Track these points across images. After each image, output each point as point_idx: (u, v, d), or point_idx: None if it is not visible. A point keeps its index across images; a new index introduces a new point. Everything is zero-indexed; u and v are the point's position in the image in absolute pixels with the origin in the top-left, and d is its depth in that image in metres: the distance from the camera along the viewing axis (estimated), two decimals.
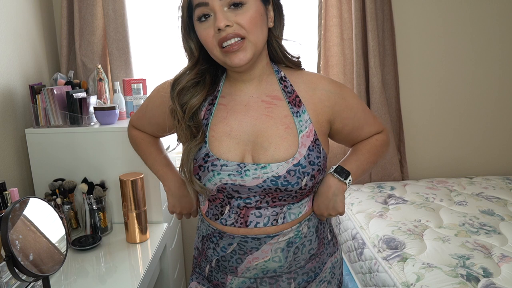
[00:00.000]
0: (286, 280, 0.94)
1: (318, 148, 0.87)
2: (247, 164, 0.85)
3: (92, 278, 1.31)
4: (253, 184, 0.85)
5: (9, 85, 1.62)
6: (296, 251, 0.92)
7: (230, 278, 0.95)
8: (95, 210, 1.56)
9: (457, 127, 2.31)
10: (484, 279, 1.27)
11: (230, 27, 0.80)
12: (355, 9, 2.01)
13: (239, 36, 0.81)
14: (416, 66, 2.23)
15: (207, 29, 0.82)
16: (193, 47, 0.89)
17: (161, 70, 2.09)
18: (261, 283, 0.94)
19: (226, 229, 0.90)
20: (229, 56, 0.82)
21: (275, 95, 0.90)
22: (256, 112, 0.89)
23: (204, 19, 0.82)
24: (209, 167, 0.86)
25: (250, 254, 0.90)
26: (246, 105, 0.90)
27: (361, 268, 1.60)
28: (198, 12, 0.82)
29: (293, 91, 0.91)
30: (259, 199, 0.87)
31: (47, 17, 1.98)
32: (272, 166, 0.84)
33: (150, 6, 2.07)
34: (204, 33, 0.83)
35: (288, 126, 0.87)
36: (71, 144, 1.63)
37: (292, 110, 0.89)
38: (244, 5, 0.81)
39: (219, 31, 0.80)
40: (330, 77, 2.11)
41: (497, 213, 1.73)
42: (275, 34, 0.90)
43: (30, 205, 1.00)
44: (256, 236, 0.89)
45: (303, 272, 0.96)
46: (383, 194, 1.98)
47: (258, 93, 0.91)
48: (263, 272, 0.93)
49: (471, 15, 2.19)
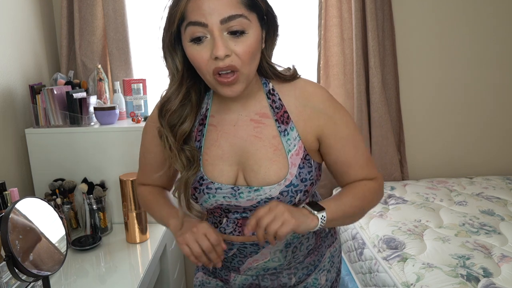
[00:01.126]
0: (286, 275, 0.97)
1: (308, 162, 0.86)
2: (241, 187, 0.85)
3: (92, 278, 1.31)
4: (248, 205, 0.86)
5: (9, 85, 1.62)
6: (295, 250, 0.94)
7: (233, 275, 0.98)
8: (95, 210, 1.56)
9: (457, 127, 2.31)
10: (484, 279, 1.27)
11: (228, 57, 0.73)
12: (355, 9, 2.01)
13: (234, 69, 0.74)
14: (416, 66, 2.22)
15: (201, 51, 0.74)
16: (177, 63, 0.81)
17: (161, 70, 2.08)
18: (262, 279, 0.97)
19: (225, 237, 0.91)
20: (223, 87, 0.76)
21: (263, 113, 0.86)
22: (245, 132, 0.86)
23: (197, 42, 0.74)
24: (204, 190, 0.86)
25: (250, 257, 0.92)
26: (235, 125, 0.86)
27: (361, 268, 1.60)
28: (193, 31, 0.73)
29: (282, 106, 0.86)
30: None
31: (47, 17, 1.98)
32: (265, 189, 0.84)
33: (150, 6, 2.07)
34: (197, 56, 0.75)
35: (277, 147, 0.84)
36: (71, 144, 1.63)
37: (280, 129, 0.85)
38: (245, 34, 0.74)
39: (217, 59, 0.73)
40: (329, 75, 2.11)
41: (497, 213, 1.73)
42: (266, 54, 0.84)
43: (30, 205, 1.00)
44: (255, 242, 0.90)
45: (303, 267, 0.98)
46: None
47: (246, 111, 0.86)
48: (264, 270, 0.95)
49: (471, 15, 2.19)
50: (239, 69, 0.75)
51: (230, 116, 0.87)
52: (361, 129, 2.13)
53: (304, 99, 0.86)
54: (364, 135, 2.14)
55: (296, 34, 2.13)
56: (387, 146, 2.17)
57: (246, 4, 0.74)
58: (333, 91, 2.13)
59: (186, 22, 0.74)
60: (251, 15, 0.75)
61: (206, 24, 0.72)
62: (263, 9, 0.78)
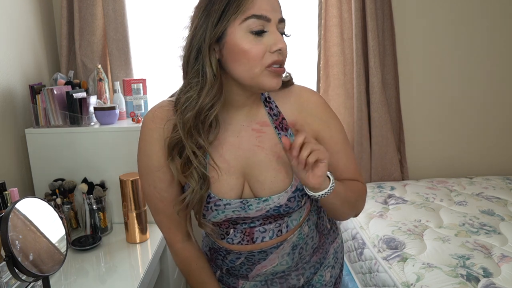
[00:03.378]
0: (295, 277, 0.97)
1: None
2: (249, 200, 0.85)
3: (92, 278, 1.31)
4: (257, 215, 0.86)
5: (9, 85, 1.62)
6: (301, 251, 0.95)
7: (241, 282, 0.98)
8: (95, 210, 1.56)
9: (457, 127, 2.31)
10: (484, 279, 1.27)
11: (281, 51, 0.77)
12: (355, 9, 2.01)
13: (283, 64, 0.79)
14: (416, 66, 2.23)
15: (259, 44, 0.75)
16: (213, 63, 0.77)
17: (161, 70, 2.09)
18: (272, 284, 0.97)
19: (233, 247, 0.92)
20: (271, 77, 0.77)
21: (264, 121, 0.87)
22: (248, 143, 0.86)
23: (261, 34, 0.75)
24: (212, 207, 0.85)
25: (258, 263, 0.93)
26: (238, 136, 0.86)
27: (361, 268, 1.60)
28: (256, 24, 0.74)
29: (279, 113, 0.87)
30: (262, 221, 0.89)
31: (47, 17, 1.98)
32: (273, 198, 0.84)
33: (150, 6, 2.07)
34: (256, 48, 0.75)
35: (279, 155, 0.85)
36: (71, 144, 1.63)
37: (280, 135, 0.86)
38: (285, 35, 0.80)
39: (276, 51, 0.76)
40: (329, 75, 2.11)
41: (497, 213, 1.73)
42: None
43: (30, 205, 1.00)
44: (262, 249, 0.90)
45: (310, 266, 0.99)
46: (383, 194, 1.98)
47: (248, 121, 0.86)
48: (273, 274, 0.95)
49: (470, 15, 2.19)
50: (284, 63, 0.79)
51: (233, 126, 0.86)
52: (361, 129, 2.13)
53: (299, 104, 0.88)
54: (364, 135, 2.14)
55: (296, 34, 2.13)
56: (387, 146, 2.17)
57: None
58: (333, 91, 2.13)
59: (246, 15, 0.74)
60: None
61: (270, 19, 0.75)
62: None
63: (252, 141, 0.86)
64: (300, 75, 2.16)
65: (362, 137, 2.14)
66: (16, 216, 0.94)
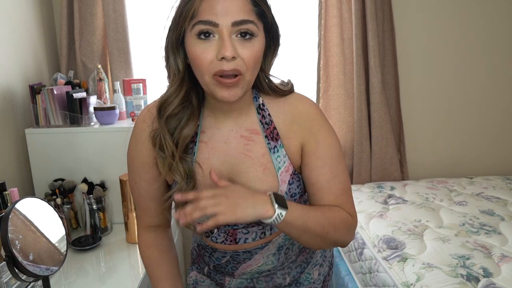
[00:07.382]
0: (281, 276, 0.98)
1: (297, 177, 0.86)
2: None
3: (92, 278, 1.31)
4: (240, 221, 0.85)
5: (9, 85, 1.62)
6: (287, 251, 0.95)
7: (228, 279, 0.99)
8: (95, 210, 1.56)
9: (457, 127, 2.31)
10: (484, 279, 1.27)
11: (234, 59, 0.71)
12: (355, 9, 2.01)
13: (237, 73, 0.72)
14: (416, 66, 2.23)
15: (206, 50, 0.72)
16: (179, 63, 0.79)
17: (161, 70, 2.08)
18: (257, 282, 0.98)
19: (218, 246, 0.92)
20: (221, 88, 0.73)
21: (253, 129, 0.84)
22: (235, 150, 0.84)
23: (204, 37, 0.72)
24: None
25: (244, 263, 0.93)
26: (226, 141, 0.84)
27: (361, 268, 1.60)
28: (201, 27, 0.71)
29: (271, 122, 0.84)
30: (245, 224, 0.88)
31: (47, 17, 1.98)
32: None
33: (150, 6, 2.07)
34: (201, 54, 0.72)
35: (266, 166, 0.83)
36: (71, 144, 1.63)
37: (269, 145, 0.84)
38: (254, 37, 0.73)
39: (222, 59, 0.71)
40: (329, 75, 2.11)
41: (497, 213, 1.73)
42: (264, 67, 0.82)
43: (30, 205, 1.00)
44: (247, 250, 0.91)
45: (296, 265, 0.99)
46: (383, 194, 1.98)
47: (237, 127, 0.84)
48: (258, 273, 0.96)
49: (471, 14, 2.19)
50: (243, 73, 0.73)
51: (221, 131, 0.85)
52: (361, 129, 2.13)
53: (292, 115, 0.85)
54: (364, 135, 2.14)
55: (296, 34, 2.13)
56: (387, 146, 2.17)
57: (256, 12, 0.74)
58: (333, 91, 2.13)
59: (195, 21, 0.72)
60: (259, 24, 0.75)
61: (217, 24, 0.70)
62: (269, 22, 0.77)
63: (239, 149, 0.84)
64: (300, 75, 2.16)
65: (362, 137, 2.14)
66: (16, 216, 0.94)
